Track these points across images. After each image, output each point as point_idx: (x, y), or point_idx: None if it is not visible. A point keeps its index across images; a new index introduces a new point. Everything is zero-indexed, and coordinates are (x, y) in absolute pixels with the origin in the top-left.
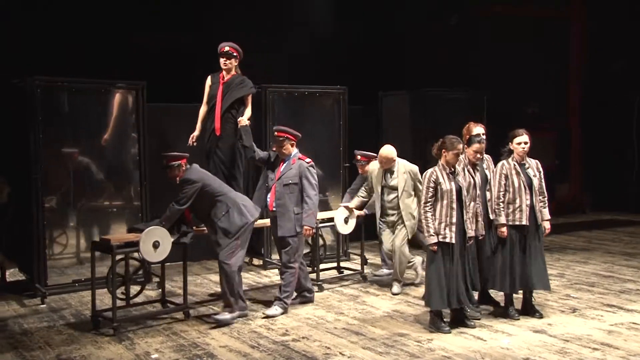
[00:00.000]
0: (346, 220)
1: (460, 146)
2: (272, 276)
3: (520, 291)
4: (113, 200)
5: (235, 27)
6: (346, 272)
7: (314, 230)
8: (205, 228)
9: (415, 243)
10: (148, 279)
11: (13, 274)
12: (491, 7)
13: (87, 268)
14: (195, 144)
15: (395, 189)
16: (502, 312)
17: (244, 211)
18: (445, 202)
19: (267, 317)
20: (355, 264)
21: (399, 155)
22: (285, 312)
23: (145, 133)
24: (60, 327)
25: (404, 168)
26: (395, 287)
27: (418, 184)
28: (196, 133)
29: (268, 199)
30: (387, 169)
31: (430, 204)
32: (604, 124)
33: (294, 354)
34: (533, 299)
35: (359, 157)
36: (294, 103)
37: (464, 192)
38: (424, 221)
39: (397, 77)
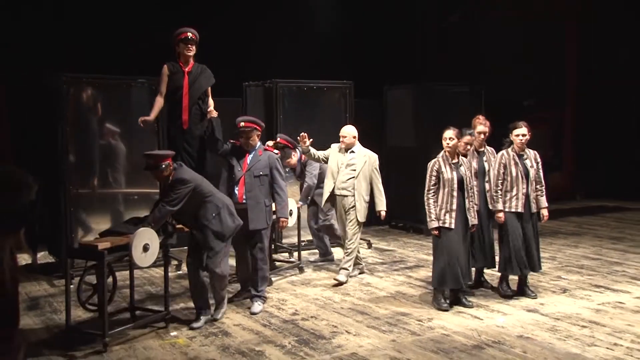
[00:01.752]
0: (290, 213)
1: (446, 133)
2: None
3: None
4: (135, 187)
5: (245, 26)
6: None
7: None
8: (183, 225)
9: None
10: (116, 286)
11: (43, 257)
12: (491, 7)
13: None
14: (142, 126)
15: (354, 169)
16: (501, 293)
17: (234, 212)
18: (446, 190)
19: (253, 314)
20: (361, 248)
21: (405, 146)
22: (265, 302)
23: (164, 124)
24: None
25: (364, 152)
26: (342, 276)
27: (375, 171)
28: (149, 118)
29: (236, 191)
30: (349, 148)
31: (432, 191)
32: (595, 116)
33: (303, 332)
34: (527, 281)
35: (280, 138)
36: (303, 97)
37: (466, 182)
38: (426, 207)
39: (401, 72)
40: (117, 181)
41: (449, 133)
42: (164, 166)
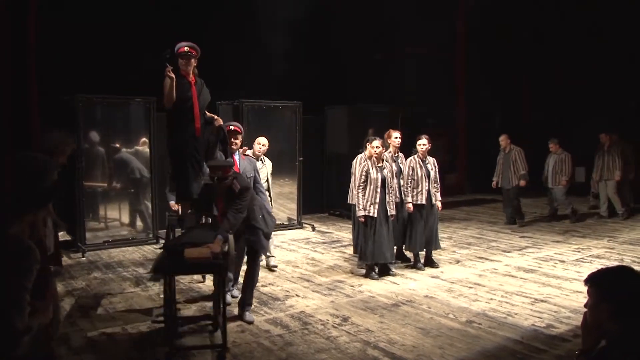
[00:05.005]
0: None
1: (374, 142)
2: None
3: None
4: (130, 184)
5: (219, 57)
6: None
7: None
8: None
9: None
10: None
11: (63, 235)
12: (410, 46)
13: (112, 232)
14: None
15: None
16: (413, 265)
17: (270, 211)
18: (372, 187)
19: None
20: (307, 231)
21: (340, 152)
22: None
23: (155, 137)
24: (96, 273)
25: (268, 161)
26: (272, 260)
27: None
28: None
29: None
30: (258, 157)
31: (362, 187)
32: (479, 132)
33: (263, 295)
34: (432, 255)
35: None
36: (263, 113)
37: (388, 182)
38: (355, 200)
39: (338, 95)
40: (96, 177)
41: (376, 142)
42: (230, 177)
